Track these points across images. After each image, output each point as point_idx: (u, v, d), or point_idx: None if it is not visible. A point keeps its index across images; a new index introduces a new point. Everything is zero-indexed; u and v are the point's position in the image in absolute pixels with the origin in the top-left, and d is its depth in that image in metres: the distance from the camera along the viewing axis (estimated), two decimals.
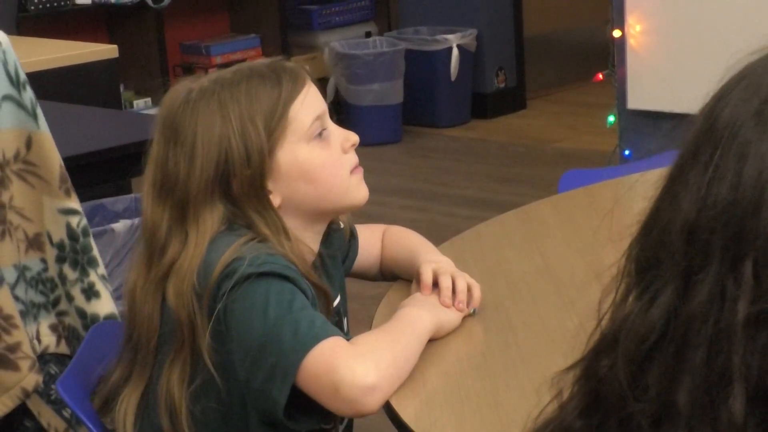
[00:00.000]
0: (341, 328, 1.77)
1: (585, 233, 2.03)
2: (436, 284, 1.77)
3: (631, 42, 3.82)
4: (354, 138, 1.75)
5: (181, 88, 1.70)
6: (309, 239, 1.74)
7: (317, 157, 1.70)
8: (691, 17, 3.67)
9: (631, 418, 0.89)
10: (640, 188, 1.06)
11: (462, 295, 1.75)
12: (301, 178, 1.70)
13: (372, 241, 1.96)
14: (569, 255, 2.00)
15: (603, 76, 4.01)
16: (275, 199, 1.69)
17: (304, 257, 1.70)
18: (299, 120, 1.69)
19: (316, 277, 1.69)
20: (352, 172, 1.74)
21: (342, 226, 1.87)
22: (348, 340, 1.58)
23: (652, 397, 0.88)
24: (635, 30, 3.82)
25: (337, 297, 1.81)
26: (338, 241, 1.87)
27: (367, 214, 4.61)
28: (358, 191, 1.76)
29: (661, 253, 0.90)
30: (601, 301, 0.95)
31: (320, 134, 1.71)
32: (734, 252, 0.86)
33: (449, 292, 1.74)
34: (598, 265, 1.26)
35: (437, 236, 2.09)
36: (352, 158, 1.75)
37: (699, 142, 0.91)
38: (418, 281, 1.80)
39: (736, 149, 0.87)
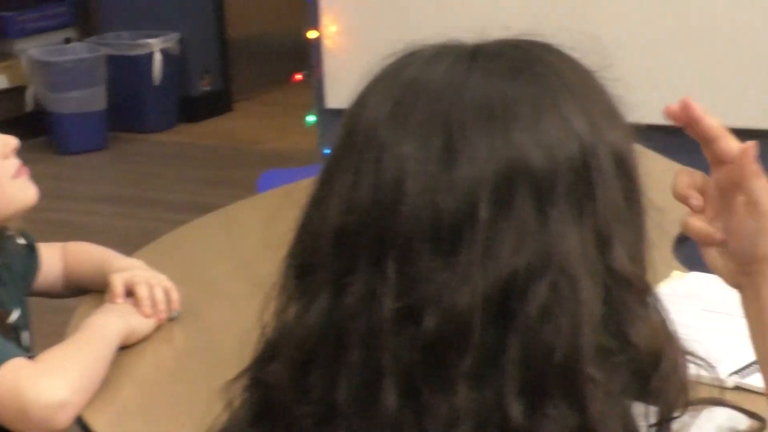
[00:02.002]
0: (20, 343, 1.72)
1: (282, 232, 2.04)
2: (129, 293, 1.75)
3: (327, 42, 3.87)
4: (13, 142, 1.71)
5: None
6: None
7: None
8: (384, 16, 3.74)
9: (296, 421, 0.90)
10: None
11: (161, 304, 1.74)
12: None
13: (52, 260, 1.92)
14: (267, 255, 2.01)
15: (302, 76, 4.05)
16: None
17: None
18: None
19: None
20: (15, 176, 1.71)
21: (12, 233, 1.82)
22: (31, 355, 1.54)
23: (315, 399, 0.90)
24: (330, 31, 3.87)
25: (15, 310, 1.76)
26: (12, 250, 1.82)
27: (75, 223, 4.55)
28: (24, 194, 1.72)
29: (314, 258, 0.91)
30: (263, 309, 0.96)
31: None
32: (378, 252, 0.88)
33: (148, 302, 1.73)
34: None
35: (146, 242, 2.07)
36: (14, 162, 1.71)
37: (341, 146, 0.93)
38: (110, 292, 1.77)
39: (374, 151, 0.89)
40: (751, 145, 1.02)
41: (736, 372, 1.50)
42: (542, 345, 0.86)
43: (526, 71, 0.91)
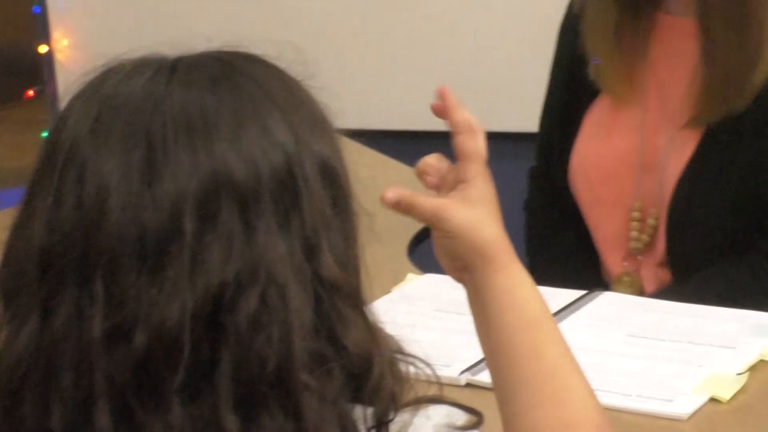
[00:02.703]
0: None
1: None
2: None
3: (59, 56, 3.80)
4: None
5: None
6: None
7: None
8: (117, 28, 3.69)
9: None
10: None
11: None
12: None
13: None
14: None
15: (34, 92, 3.98)
16: None
17: None
18: None
19: None
20: None
21: None
22: None
23: (30, 428, 0.88)
24: (62, 44, 3.79)
25: None
26: None
27: None
28: None
29: (20, 282, 0.89)
30: None
31: None
32: (85, 272, 0.87)
33: None
34: None
35: None
36: None
37: (42, 166, 0.91)
38: None
39: (75, 170, 0.88)
40: (478, 144, 1.05)
41: (467, 369, 1.53)
42: (254, 356, 0.86)
43: (226, 82, 0.91)
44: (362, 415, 0.92)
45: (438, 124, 1.10)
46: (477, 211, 1.05)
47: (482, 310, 1.07)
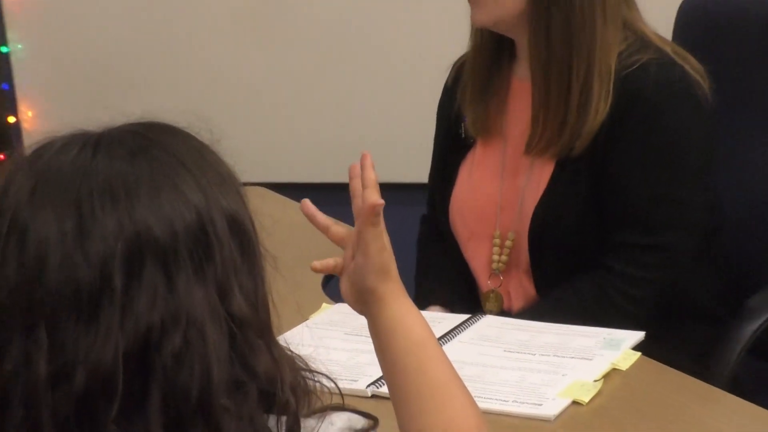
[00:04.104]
0: None
1: None
2: None
3: (26, 126, 3.75)
4: None
5: None
6: None
7: None
8: (75, 102, 3.66)
9: None
10: None
11: None
12: None
13: None
14: None
15: (4, 156, 3.91)
16: None
17: None
18: None
19: None
20: None
21: None
22: None
23: None
24: (27, 115, 3.74)
25: None
26: None
27: None
28: None
29: None
30: None
31: None
32: (29, 322, 0.85)
33: None
34: None
35: None
36: None
37: None
38: None
39: (17, 234, 0.87)
40: (375, 200, 1.08)
41: (372, 383, 1.52)
42: (180, 387, 0.85)
43: (143, 154, 0.90)
44: (275, 423, 0.92)
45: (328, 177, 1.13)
46: (371, 262, 1.10)
47: (377, 336, 1.10)
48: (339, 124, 3.42)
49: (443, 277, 1.98)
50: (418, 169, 2.30)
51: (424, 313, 1.15)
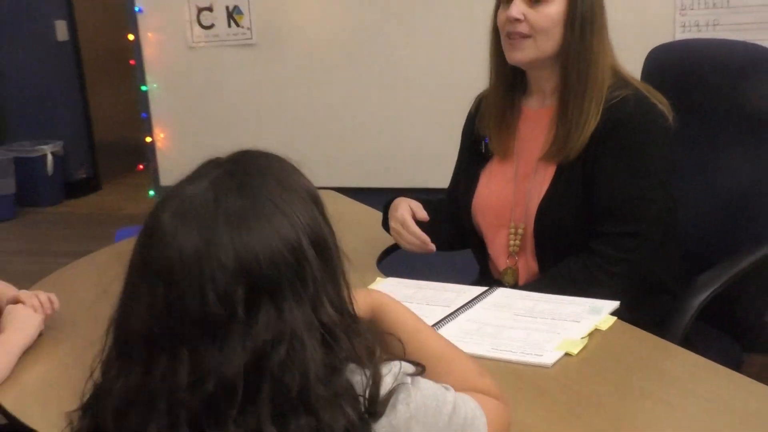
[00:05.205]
0: None
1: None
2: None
3: (159, 144, 3.79)
4: None
5: None
6: None
7: None
8: (196, 127, 3.69)
9: None
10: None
11: (45, 303, 1.62)
12: None
13: None
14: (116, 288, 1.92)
15: (143, 166, 3.96)
16: None
17: None
18: None
19: None
20: None
21: None
22: None
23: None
24: (160, 136, 3.78)
25: None
26: None
27: None
28: None
29: (129, 348, 0.88)
30: (94, 359, 0.91)
31: None
32: (174, 344, 0.86)
33: (32, 301, 1.61)
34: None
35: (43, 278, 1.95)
36: None
37: (137, 274, 0.88)
38: None
39: (190, 281, 0.86)
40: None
41: None
42: (283, 386, 0.85)
43: (247, 188, 0.88)
44: (360, 378, 0.91)
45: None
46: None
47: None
48: (374, 138, 3.42)
49: (436, 207, 1.98)
50: (437, 176, 2.27)
51: (441, 284, 1.08)
